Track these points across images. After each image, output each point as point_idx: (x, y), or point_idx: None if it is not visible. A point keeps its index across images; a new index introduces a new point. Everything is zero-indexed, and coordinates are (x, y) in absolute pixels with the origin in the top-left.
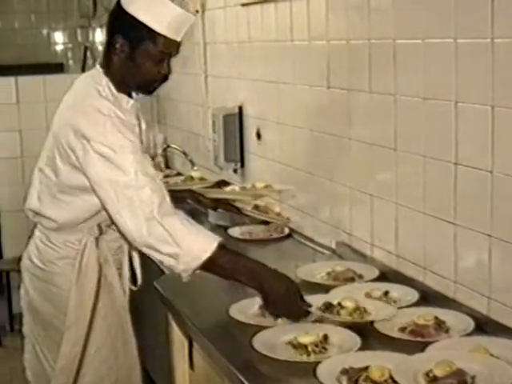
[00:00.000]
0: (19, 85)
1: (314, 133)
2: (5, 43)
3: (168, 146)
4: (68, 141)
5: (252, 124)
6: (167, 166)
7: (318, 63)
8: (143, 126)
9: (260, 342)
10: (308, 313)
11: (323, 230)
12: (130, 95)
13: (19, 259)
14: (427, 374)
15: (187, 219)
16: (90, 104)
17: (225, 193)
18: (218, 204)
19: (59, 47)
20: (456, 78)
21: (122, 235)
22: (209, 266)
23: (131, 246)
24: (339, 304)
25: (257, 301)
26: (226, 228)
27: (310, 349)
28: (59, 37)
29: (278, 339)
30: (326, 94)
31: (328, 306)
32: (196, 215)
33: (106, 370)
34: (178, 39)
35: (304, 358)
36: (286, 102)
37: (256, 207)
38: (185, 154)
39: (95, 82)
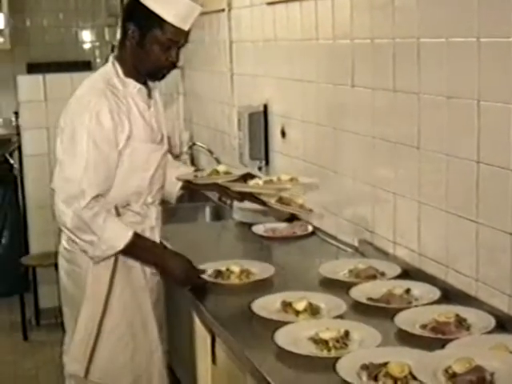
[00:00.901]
0: (47, 82)
1: (337, 131)
2: (33, 41)
3: (194, 144)
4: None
5: (277, 122)
6: (193, 164)
7: (343, 62)
8: (159, 109)
9: (282, 337)
10: (201, 279)
11: (346, 228)
12: (145, 83)
13: (46, 255)
14: (446, 371)
15: (106, 212)
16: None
17: (249, 187)
18: (243, 197)
19: (87, 45)
20: (479, 76)
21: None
22: (123, 253)
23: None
24: (227, 269)
25: (279, 296)
26: (250, 225)
27: (330, 344)
28: (87, 35)
29: (299, 334)
30: (350, 93)
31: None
32: (221, 212)
33: (122, 347)
34: (186, 28)
35: (325, 353)
36: (310, 101)
37: (280, 199)
38: (210, 151)
39: (104, 70)
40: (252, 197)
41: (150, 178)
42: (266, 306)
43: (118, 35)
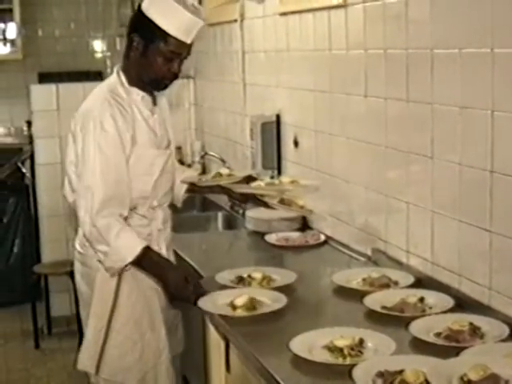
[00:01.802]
0: (60, 92)
1: (350, 141)
2: (45, 51)
3: (206, 154)
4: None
5: (289, 132)
6: (204, 174)
7: (356, 72)
8: (165, 116)
9: (297, 344)
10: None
11: (359, 237)
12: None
13: (58, 263)
14: (462, 378)
15: (121, 224)
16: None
17: (251, 188)
18: (246, 199)
19: (98, 55)
20: (492, 87)
21: None
22: (134, 265)
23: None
24: (249, 276)
25: None
26: (262, 234)
27: (345, 352)
28: (98, 45)
29: (314, 342)
30: (363, 103)
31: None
32: (233, 222)
33: (131, 345)
34: (188, 41)
35: (340, 360)
36: (323, 111)
37: (281, 200)
38: (223, 161)
39: (109, 80)
40: (254, 198)
41: (154, 182)
42: None
43: (124, 46)
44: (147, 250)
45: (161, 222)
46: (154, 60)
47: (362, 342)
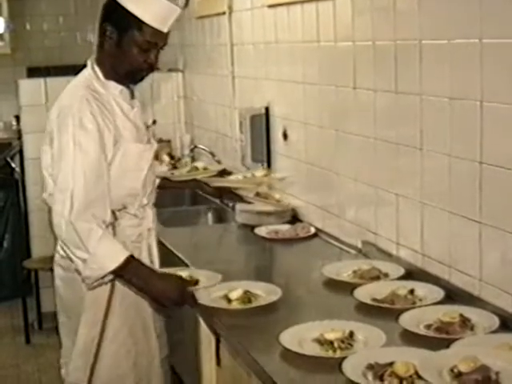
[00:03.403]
0: (48, 86)
1: (339, 133)
2: (33, 45)
3: (195, 147)
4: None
5: (278, 124)
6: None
7: (344, 64)
8: (136, 109)
9: (287, 337)
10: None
11: (349, 230)
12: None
13: (48, 258)
14: (452, 370)
15: (103, 230)
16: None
17: (228, 181)
18: (221, 193)
19: (87, 49)
20: (481, 77)
21: None
22: (115, 275)
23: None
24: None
25: None
26: (252, 227)
27: (336, 345)
28: (87, 39)
29: (304, 335)
30: (351, 95)
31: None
32: (223, 215)
33: (124, 353)
34: (165, 30)
35: (330, 353)
36: (312, 103)
37: (257, 194)
38: (212, 154)
39: (84, 75)
40: (229, 192)
41: (144, 178)
42: None
43: (96, 37)
44: (130, 259)
45: (151, 220)
46: (128, 51)
47: (352, 334)
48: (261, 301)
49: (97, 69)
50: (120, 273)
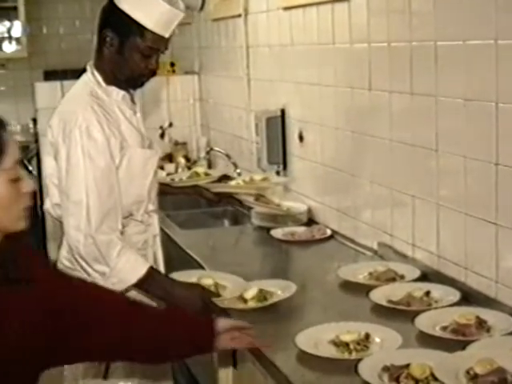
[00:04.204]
0: (64, 89)
1: (355, 134)
2: (50, 49)
3: (211, 149)
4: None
5: (294, 126)
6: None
7: (360, 66)
8: (138, 114)
9: (303, 339)
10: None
11: (365, 231)
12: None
13: None
14: (468, 372)
15: (121, 242)
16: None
17: (228, 187)
18: (221, 198)
19: None
20: (497, 79)
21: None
22: (135, 287)
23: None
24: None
25: None
26: (268, 229)
27: (351, 347)
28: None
29: (320, 337)
30: (367, 96)
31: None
32: (239, 217)
33: None
34: (166, 35)
35: (346, 355)
36: (327, 105)
37: (257, 199)
38: (228, 156)
39: (84, 81)
40: (229, 197)
41: (149, 184)
42: None
43: (95, 42)
44: (151, 270)
45: (157, 226)
46: (130, 57)
47: (368, 336)
48: (276, 297)
49: (97, 74)
50: (141, 285)
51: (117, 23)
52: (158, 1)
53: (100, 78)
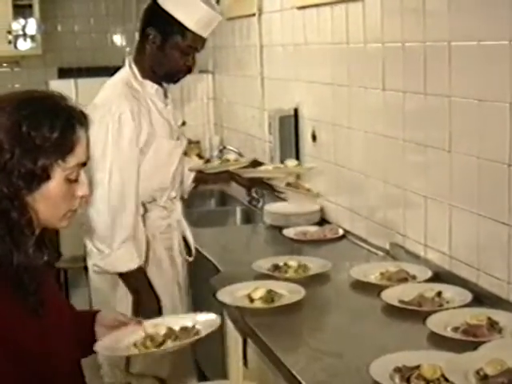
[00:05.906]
0: (79, 87)
1: (368, 134)
2: (65, 46)
3: (224, 148)
4: None
5: (307, 126)
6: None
7: (374, 65)
8: (169, 107)
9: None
10: None
11: (377, 231)
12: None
13: (78, 257)
14: (478, 373)
15: (132, 231)
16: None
17: (259, 172)
18: (253, 183)
19: (118, 50)
20: (511, 79)
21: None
22: (121, 277)
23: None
24: (285, 264)
25: None
26: (280, 228)
27: None
28: (118, 40)
29: None
30: (380, 96)
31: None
32: (251, 216)
33: None
34: (205, 35)
35: None
36: (341, 104)
37: (288, 184)
38: (241, 155)
39: (121, 74)
40: (261, 182)
41: (173, 173)
42: None
43: (137, 38)
44: (141, 269)
45: (180, 212)
46: (170, 54)
47: None
48: (284, 300)
49: (134, 68)
50: (124, 277)
51: (160, 22)
52: (199, 3)
53: (137, 72)
